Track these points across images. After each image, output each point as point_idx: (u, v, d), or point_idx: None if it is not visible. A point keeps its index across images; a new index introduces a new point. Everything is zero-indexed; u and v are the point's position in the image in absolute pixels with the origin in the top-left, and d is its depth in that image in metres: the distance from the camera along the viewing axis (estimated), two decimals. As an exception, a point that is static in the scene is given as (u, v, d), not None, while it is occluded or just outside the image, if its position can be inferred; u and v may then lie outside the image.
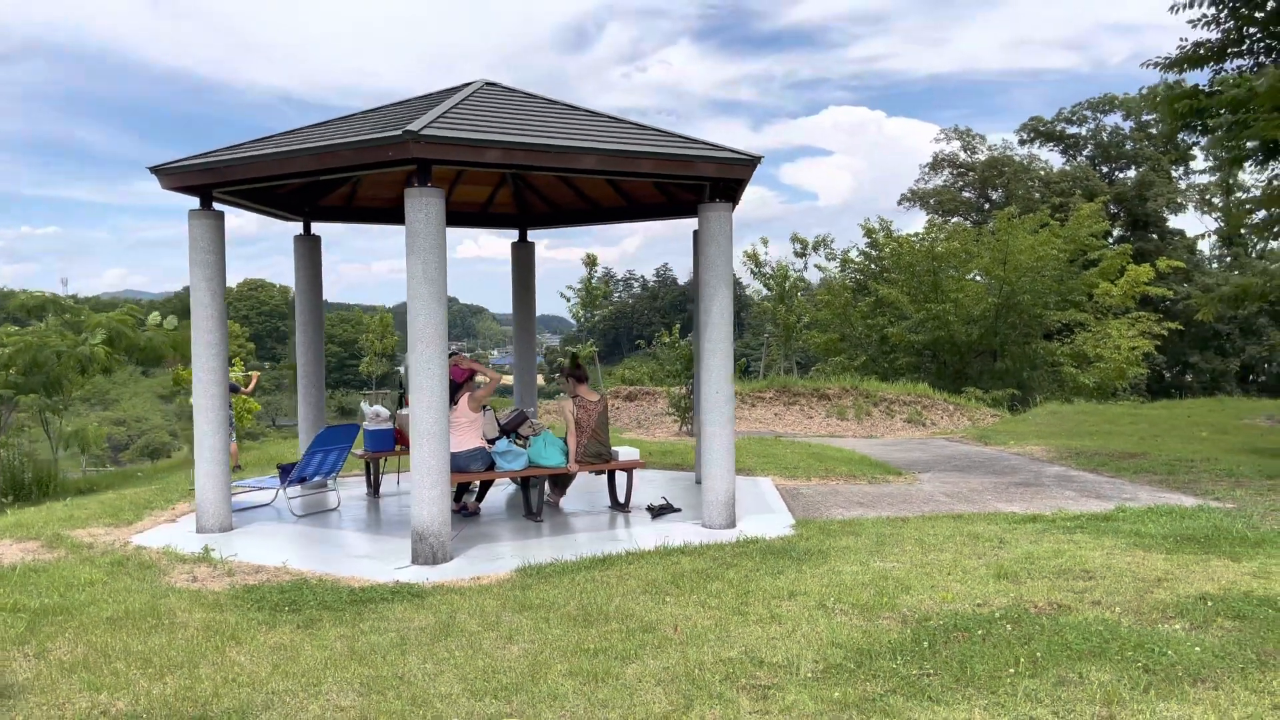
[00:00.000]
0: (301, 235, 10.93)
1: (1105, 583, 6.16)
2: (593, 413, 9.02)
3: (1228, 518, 8.28)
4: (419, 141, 6.93)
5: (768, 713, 4.20)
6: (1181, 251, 42.77)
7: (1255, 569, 6.46)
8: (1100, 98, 45.18)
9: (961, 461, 13.11)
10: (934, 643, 4.98)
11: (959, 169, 45.84)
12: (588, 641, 5.27)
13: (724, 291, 8.32)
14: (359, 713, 4.39)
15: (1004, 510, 9.10)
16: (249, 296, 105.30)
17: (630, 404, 22.08)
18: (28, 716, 4.43)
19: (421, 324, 7.21)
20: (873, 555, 7.15)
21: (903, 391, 23.12)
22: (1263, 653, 4.61)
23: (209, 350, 8.44)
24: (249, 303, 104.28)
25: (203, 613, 5.99)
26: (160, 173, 8.24)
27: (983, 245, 28.35)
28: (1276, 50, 13.86)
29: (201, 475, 8.48)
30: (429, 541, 7.24)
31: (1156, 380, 41.90)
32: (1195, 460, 12.40)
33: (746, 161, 8.16)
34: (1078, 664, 4.55)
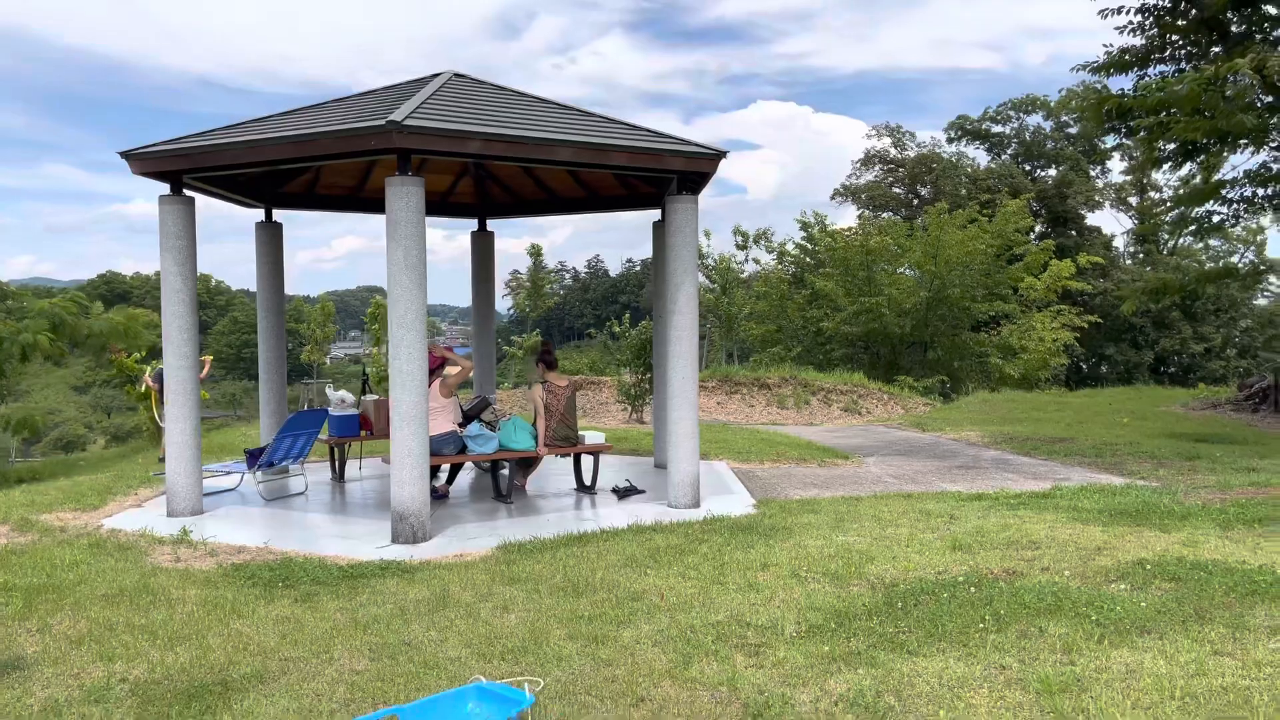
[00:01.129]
0: (263, 222, 10.97)
1: (1051, 552, 6.66)
2: (561, 397, 9.30)
3: (1155, 495, 8.91)
4: (402, 131, 7.12)
5: (761, 666, 4.55)
6: (1099, 248, 44.51)
7: (1184, 539, 7.03)
8: (1023, 98, 46.74)
9: (903, 446, 13.68)
10: (905, 605, 5.39)
11: (889, 165, 46.98)
12: (580, 610, 5.57)
13: (690, 281, 8.66)
14: (374, 674, 4.63)
15: (950, 490, 9.63)
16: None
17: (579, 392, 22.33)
18: (45, 685, 4.57)
19: (402, 310, 7.40)
20: (834, 530, 7.57)
21: (839, 381, 23.81)
22: (1199, 608, 5.11)
23: (181, 335, 8.50)
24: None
25: (196, 589, 6.14)
26: (131, 157, 8.26)
27: (915, 240, 29.26)
28: (1196, 57, 14.71)
29: (173, 459, 8.54)
30: (409, 521, 7.45)
31: (1075, 371, 43.61)
32: (1119, 444, 13.15)
33: (712, 155, 8.51)
34: (1036, 620, 5.00)
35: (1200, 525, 7.49)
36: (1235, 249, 51.40)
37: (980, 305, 29.33)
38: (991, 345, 29.65)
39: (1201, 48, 14.68)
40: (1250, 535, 7.12)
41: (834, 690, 4.19)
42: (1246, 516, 7.75)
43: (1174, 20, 14.34)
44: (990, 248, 28.68)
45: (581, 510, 8.76)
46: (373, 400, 10.47)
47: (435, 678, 4.57)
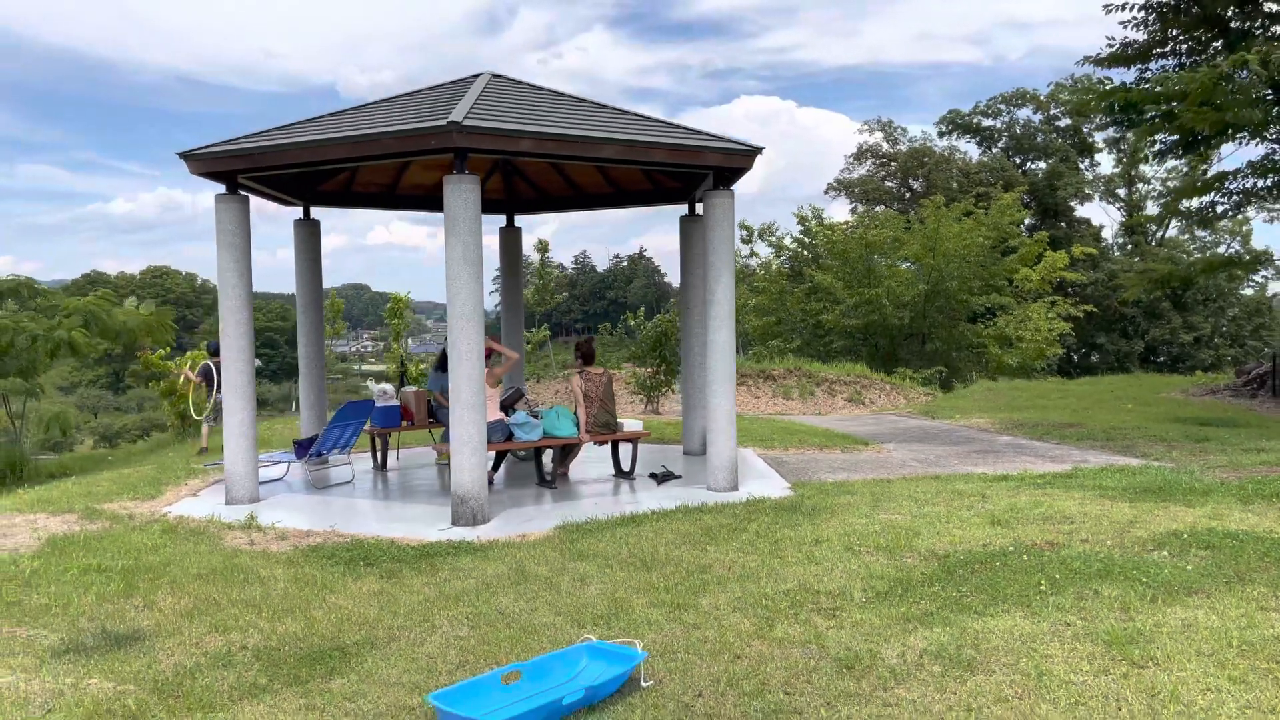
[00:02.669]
0: (301, 220, 11.25)
1: (1086, 525, 7.03)
2: (599, 384, 9.63)
3: (1173, 474, 9.30)
4: (461, 131, 7.43)
5: (841, 627, 4.91)
6: (1088, 239, 45.10)
7: (1209, 512, 7.42)
8: (1014, 92, 47.27)
9: (917, 434, 14.07)
10: (961, 573, 5.76)
11: (882, 159, 47.42)
12: (653, 581, 5.91)
13: (728, 273, 9.00)
14: (478, 639, 4.96)
15: (974, 472, 10.01)
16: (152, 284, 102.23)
17: (584, 386, 22.66)
18: (170, 653, 4.88)
19: (462, 302, 7.72)
20: (874, 509, 7.92)
21: (842, 372, 24.22)
22: (1238, 572, 5.50)
23: (238, 329, 8.79)
24: (152, 290, 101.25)
25: (282, 568, 6.45)
26: (190, 158, 8.54)
27: (912, 233, 29.68)
28: (1196, 52, 15.14)
29: (231, 449, 8.84)
30: (469, 504, 7.78)
31: (1066, 361, 44.19)
32: (1128, 428, 13.57)
33: (749, 151, 8.85)
34: (1090, 583, 5.37)
35: (1222, 500, 7.88)
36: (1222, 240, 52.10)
37: (977, 297, 29.78)
38: (989, 336, 30.12)
39: (1202, 43, 15.11)
40: (1271, 509, 7.52)
41: (915, 645, 4.55)
42: (1265, 492, 8.15)
43: (1176, 16, 14.76)
44: (987, 240, 29.14)
45: (624, 494, 9.09)
46: (412, 392, 10.79)
47: (536, 641, 4.91)
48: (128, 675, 4.60)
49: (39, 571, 6.35)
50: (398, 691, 4.32)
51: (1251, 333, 47.65)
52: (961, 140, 48.50)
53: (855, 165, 48.23)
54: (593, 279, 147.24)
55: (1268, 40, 14.31)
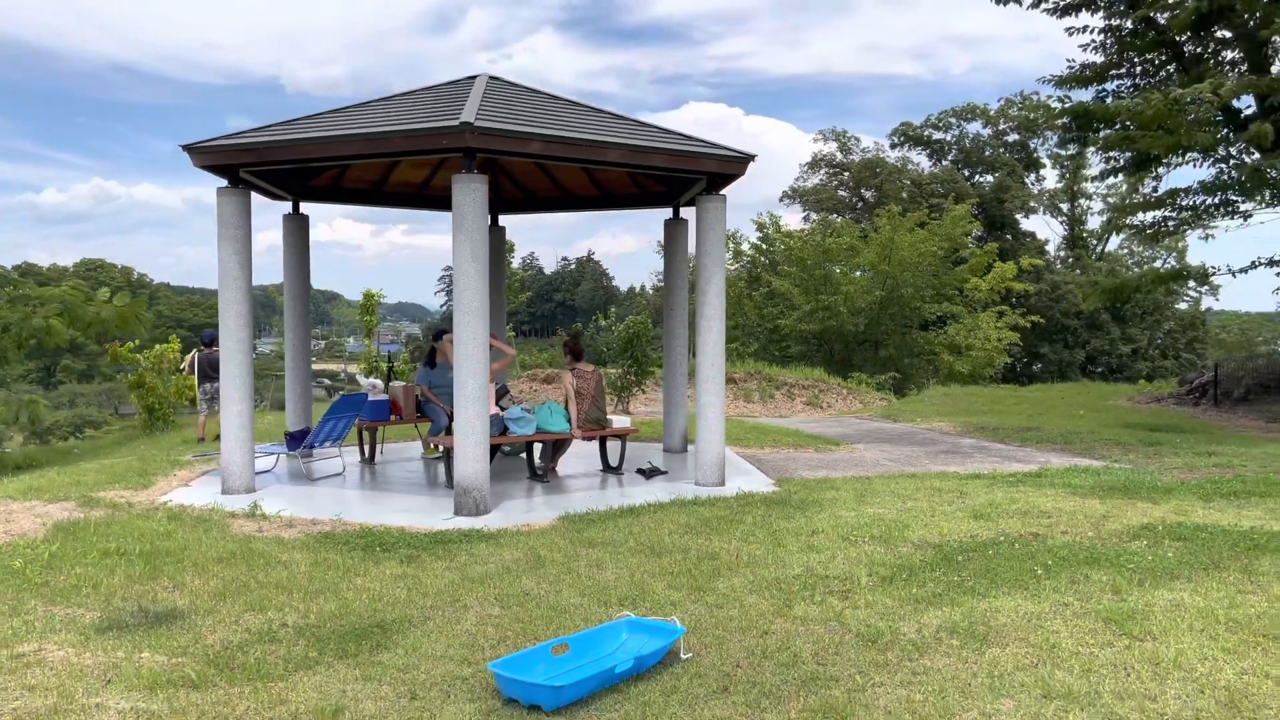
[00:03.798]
0: (290, 214, 11.33)
1: (1064, 519, 7.47)
2: (590, 381, 9.89)
3: (1135, 474, 9.84)
4: (474, 132, 7.65)
5: (857, 608, 5.23)
6: (1033, 251, 46.38)
7: (1174, 509, 7.92)
8: (964, 106, 48.46)
9: (883, 435, 14.54)
10: (959, 560, 6.13)
11: (835, 169, 48.27)
12: (666, 566, 6.19)
13: (719, 274, 9.32)
14: (512, 618, 5.20)
15: (947, 471, 10.45)
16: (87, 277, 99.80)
17: (548, 386, 22.85)
18: (212, 630, 5.04)
19: (468, 298, 7.92)
20: (860, 504, 8.29)
21: (801, 376, 24.72)
22: (1213, 560, 5.95)
23: (238, 321, 8.88)
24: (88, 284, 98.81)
25: (300, 554, 6.61)
26: (194, 151, 8.62)
27: (868, 242, 30.37)
28: (1151, 74, 15.86)
29: (229, 440, 8.92)
30: (472, 495, 7.98)
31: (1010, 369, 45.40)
32: (1083, 432, 14.19)
33: (742, 159, 9.18)
34: (1079, 569, 5.78)
35: (1185, 498, 8.40)
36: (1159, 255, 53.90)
37: (930, 305, 30.57)
38: (940, 344, 30.92)
39: (1156, 66, 15.84)
40: (1230, 506, 8.04)
41: (930, 623, 4.89)
42: (1223, 491, 8.70)
43: (1133, 40, 15.45)
44: (940, 250, 29.93)
45: (615, 488, 9.34)
46: (400, 387, 10.93)
47: (569, 619, 5.16)
48: (177, 650, 4.76)
49: (59, 555, 6.43)
50: (447, 664, 4.54)
51: (1186, 345, 49.37)
52: (913, 152, 49.58)
53: (809, 174, 49.03)
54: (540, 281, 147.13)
55: (1222, 66, 15.08)
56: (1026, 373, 47.10)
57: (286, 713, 4.03)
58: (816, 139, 57.33)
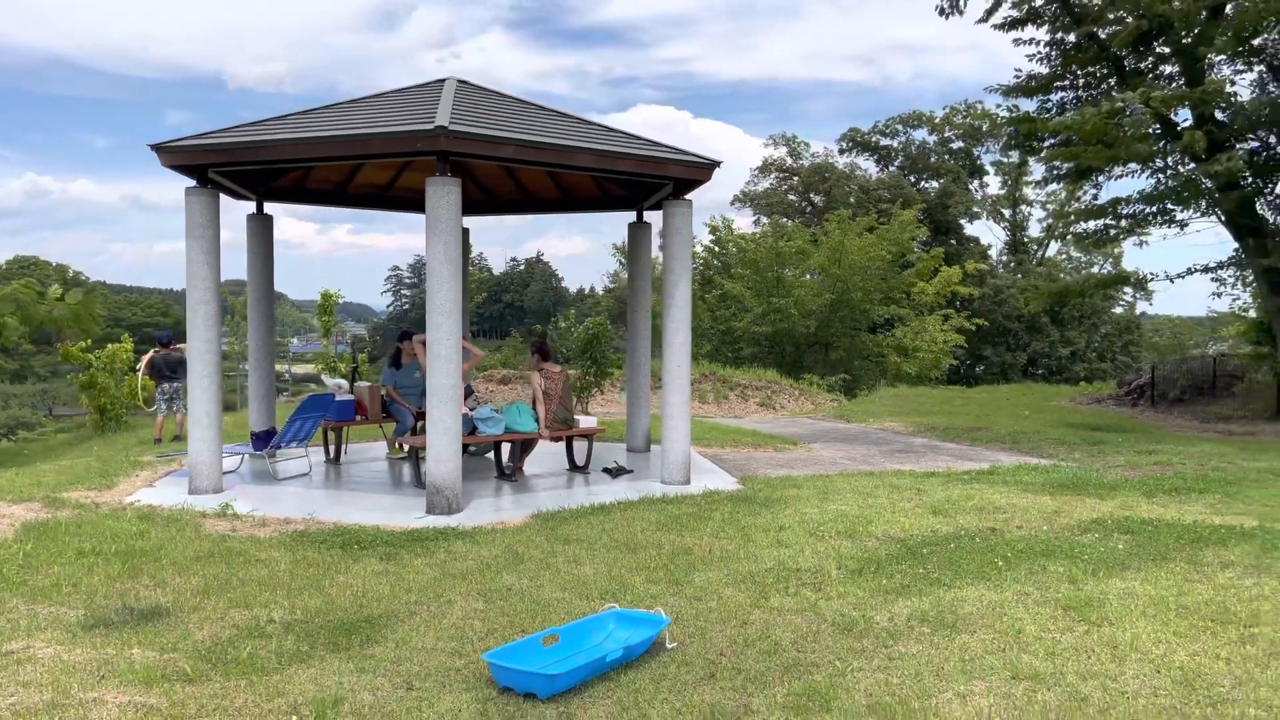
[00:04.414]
0: (254, 214, 11.30)
1: (1018, 514, 7.80)
2: (557, 382, 10.02)
3: (1081, 472, 10.25)
4: (448, 135, 7.76)
5: (830, 598, 5.46)
6: (976, 256, 47.41)
7: (1120, 504, 8.30)
8: (910, 114, 49.35)
9: (838, 435, 14.87)
10: (922, 553, 6.39)
11: (785, 173, 48.86)
12: (642, 562, 6.36)
13: (686, 278, 9.52)
14: (497, 611, 5.34)
15: (902, 469, 10.77)
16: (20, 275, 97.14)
17: (504, 387, 22.90)
18: (200, 626, 5.10)
19: (441, 298, 8.02)
20: (823, 501, 8.55)
21: (754, 377, 25.06)
22: (1160, 551, 6.29)
23: (206, 321, 8.87)
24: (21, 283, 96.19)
25: (278, 552, 6.66)
26: (162, 150, 8.59)
27: (819, 246, 30.86)
28: (1093, 86, 16.43)
29: (197, 440, 8.90)
30: (445, 494, 8.08)
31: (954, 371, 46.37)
32: (1029, 432, 14.66)
33: (708, 165, 9.39)
34: (1037, 560, 6.07)
35: (1129, 494, 8.80)
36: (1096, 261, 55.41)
37: (878, 308, 31.14)
38: (888, 346, 31.52)
39: (1099, 79, 16.42)
40: (1172, 502, 8.46)
41: (901, 612, 5.13)
42: (1164, 488, 9.13)
43: (1077, 53, 16.00)
44: (888, 254, 30.51)
45: (583, 487, 9.49)
46: (366, 387, 10.97)
47: (552, 612, 5.31)
48: (167, 645, 4.82)
49: (34, 555, 6.41)
50: (439, 656, 4.66)
51: (1121, 348, 50.84)
52: (861, 157, 50.39)
53: (760, 178, 49.58)
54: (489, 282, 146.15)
55: (1158, 79, 15.68)
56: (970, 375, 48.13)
57: (285, 704, 4.13)
58: (767, 144, 58.04)
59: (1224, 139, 15.04)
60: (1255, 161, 16.24)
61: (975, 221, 51.80)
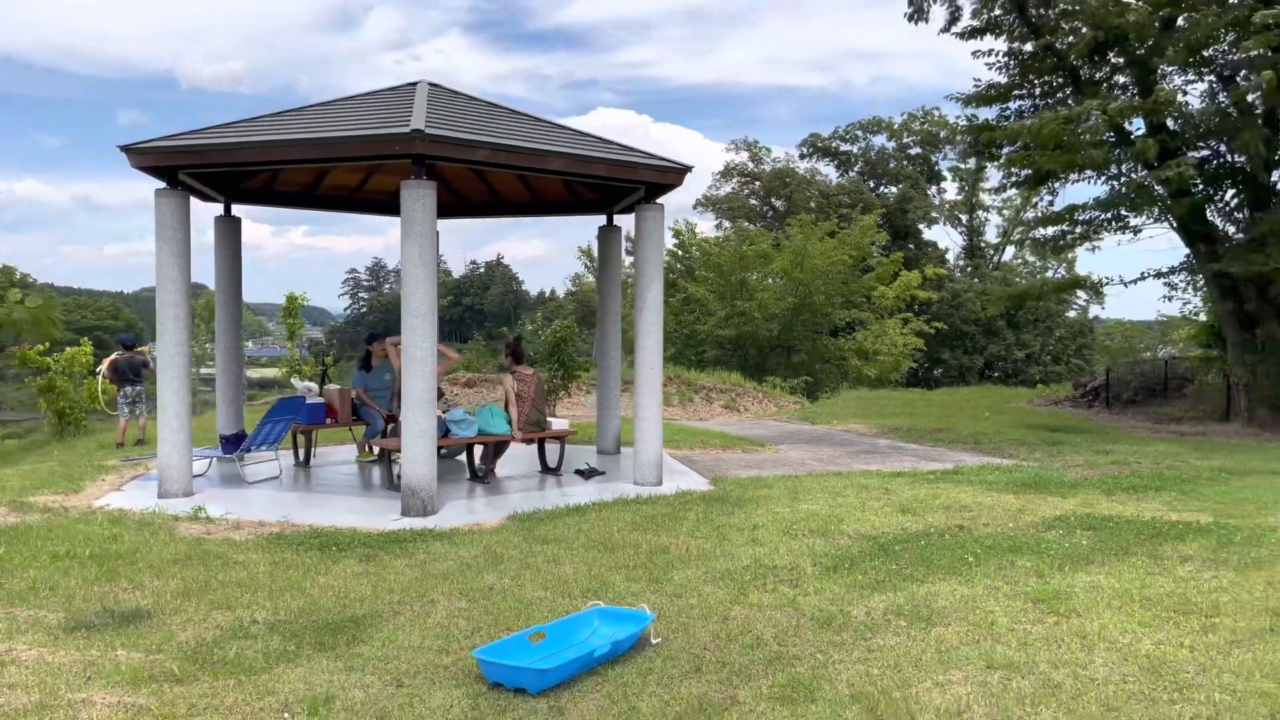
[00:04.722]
0: (222, 216, 11.23)
1: (984, 512, 7.99)
2: (530, 384, 10.08)
3: (1042, 471, 10.50)
4: (424, 139, 7.80)
5: (807, 594, 5.58)
6: (935, 260, 48.10)
7: (1080, 502, 8.53)
8: (870, 120, 49.98)
9: (804, 436, 15.06)
10: (894, 550, 6.55)
11: (746, 178, 49.22)
12: (621, 561, 6.45)
13: (658, 280, 9.62)
14: (480, 610, 5.39)
15: (870, 469, 10.96)
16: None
17: (470, 390, 22.87)
18: (183, 628, 5.11)
19: (417, 301, 8.06)
20: (794, 500, 8.69)
21: (719, 380, 25.27)
22: (1122, 547, 6.49)
23: (176, 324, 8.81)
24: None
25: (256, 554, 6.66)
26: (131, 151, 8.53)
27: (781, 250, 31.16)
28: (1049, 95, 16.80)
29: (166, 443, 8.84)
30: (420, 496, 8.11)
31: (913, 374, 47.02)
32: (990, 433, 14.95)
33: (680, 170, 9.51)
34: (1005, 556, 6.25)
35: (1089, 493, 9.04)
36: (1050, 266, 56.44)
37: (839, 311, 31.51)
38: (849, 349, 31.89)
39: (1055, 89, 16.81)
40: (1130, 499, 8.71)
41: (877, 606, 5.27)
42: (1122, 486, 9.40)
43: (1034, 63, 16.38)
44: (849, 258, 30.89)
45: (555, 489, 9.55)
46: (336, 390, 10.94)
47: (535, 610, 5.38)
48: (151, 647, 4.82)
49: (6, 559, 6.35)
50: (426, 653, 4.72)
51: (1075, 351, 51.81)
52: (821, 163, 50.89)
53: (721, 182, 49.90)
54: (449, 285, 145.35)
55: (1111, 88, 16.09)
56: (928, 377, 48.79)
57: (276, 702, 4.17)
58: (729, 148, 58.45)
59: (1175, 147, 15.47)
60: (1205, 169, 16.71)
61: (933, 226, 52.61)
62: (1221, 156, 16.72)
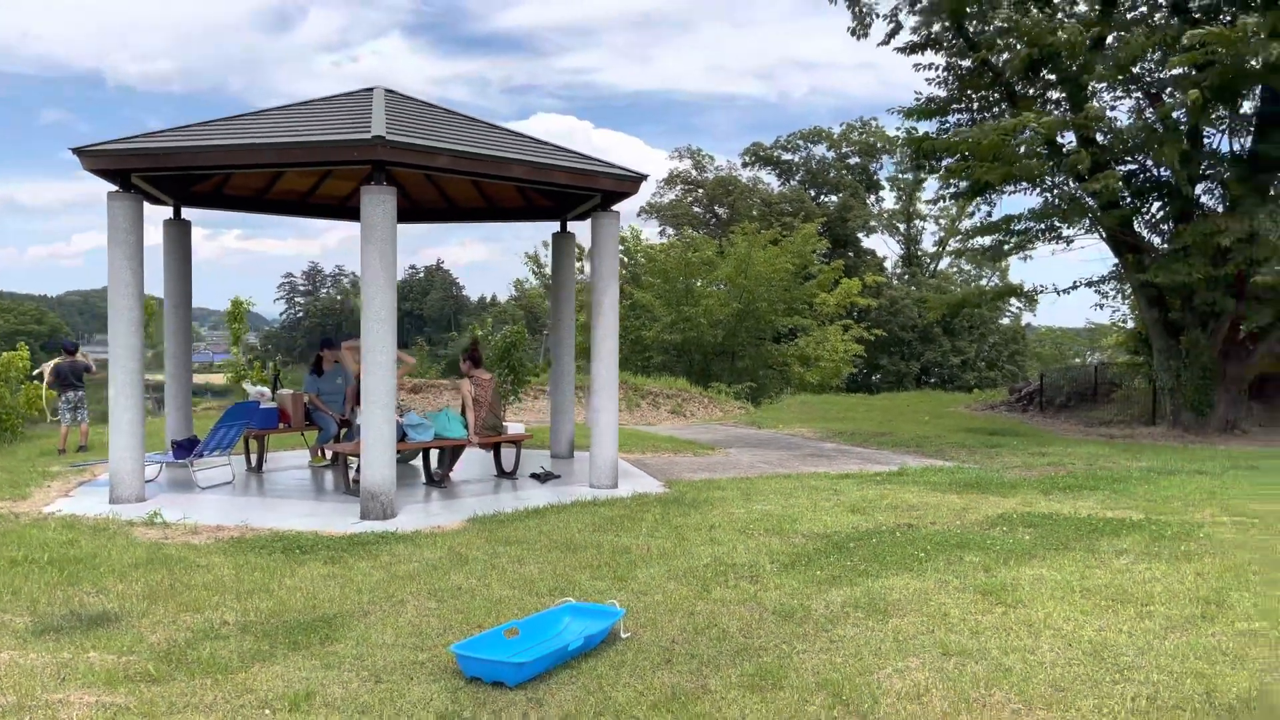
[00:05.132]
0: (171, 220, 11.13)
1: (930, 511, 8.30)
2: (487, 389, 10.17)
3: (983, 472, 10.89)
4: (385, 145, 7.87)
5: (768, 590, 5.79)
6: (873, 268, 49.03)
7: (1020, 501, 8.89)
8: (810, 130, 50.81)
9: (752, 440, 15.34)
10: (848, 547, 6.79)
11: (690, 185, 49.66)
12: (584, 561, 6.60)
13: (613, 286, 9.80)
14: (450, 609, 5.50)
15: (818, 471, 11.25)
16: None
17: (416, 395, 22.78)
18: (152, 630, 5.13)
19: (377, 305, 8.12)
20: (748, 501, 8.92)
21: (665, 386, 25.50)
22: (1061, 542, 6.82)
23: (129, 328, 8.74)
24: None
25: (219, 558, 6.67)
26: (84, 154, 8.45)
27: (726, 257, 31.55)
28: (986, 109, 17.36)
29: (118, 448, 8.76)
30: (380, 500, 8.16)
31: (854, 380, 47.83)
32: (931, 436, 15.39)
33: (636, 178, 9.69)
34: (953, 552, 6.53)
35: (1028, 492, 9.42)
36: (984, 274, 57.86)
37: (782, 318, 31.99)
38: (791, 355, 32.39)
39: (992, 103, 17.39)
40: (1067, 498, 9.09)
41: (835, 600, 5.50)
42: (1059, 486, 9.80)
43: (972, 78, 16.93)
44: (792, 265, 31.39)
45: (512, 493, 9.65)
46: (289, 394, 10.91)
47: (505, 609, 5.50)
48: (123, 648, 4.85)
49: (-38, 564, 6.28)
50: (400, 651, 4.82)
51: (1008, 358, 53.18)
52: (763, 171, 51.60)
53: (665, 190, 50.24)
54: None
55: (1044, 104, 16.70)
56: (868, 383, 49.67)
57: (255, 700, 4.23)
58: (673, 156, 58.86)
59: (1105, 161, 16.10)
60: (1133, 183, 17.41)
61: (872, 235, 53.59)
62: (1148, 171, 17.45)
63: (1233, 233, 14.41)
